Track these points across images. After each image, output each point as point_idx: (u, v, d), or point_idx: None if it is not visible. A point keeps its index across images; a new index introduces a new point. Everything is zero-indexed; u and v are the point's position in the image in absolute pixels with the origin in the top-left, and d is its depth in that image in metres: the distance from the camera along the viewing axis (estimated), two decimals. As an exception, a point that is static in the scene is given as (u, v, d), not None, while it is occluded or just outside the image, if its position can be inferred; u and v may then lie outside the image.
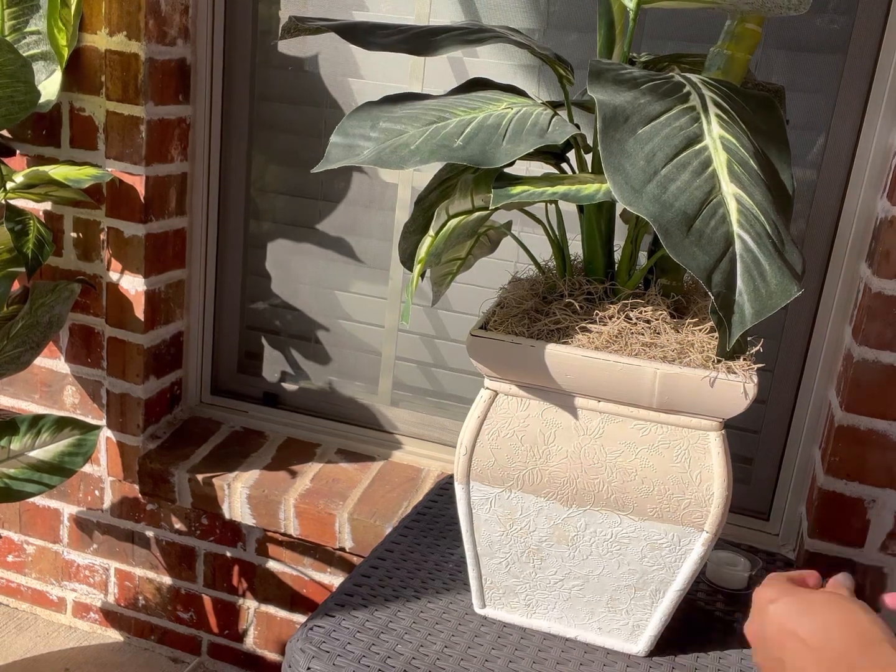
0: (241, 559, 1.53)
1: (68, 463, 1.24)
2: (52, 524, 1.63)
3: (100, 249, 1.42)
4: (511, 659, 0.84)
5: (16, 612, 1.71)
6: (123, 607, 1.65)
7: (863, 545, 1.17)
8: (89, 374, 1.50)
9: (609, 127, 0.66)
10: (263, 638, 1.57)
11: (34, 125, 1.39)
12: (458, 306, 1.44)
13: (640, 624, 0.85)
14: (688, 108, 0.70)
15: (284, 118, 1.45)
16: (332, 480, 1.44)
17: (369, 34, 0.85)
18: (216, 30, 1.42)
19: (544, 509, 0.82)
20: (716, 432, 0.77)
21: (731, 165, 0.67)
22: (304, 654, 0.82)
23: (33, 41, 1.27)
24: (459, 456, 0.83)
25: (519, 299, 0.84)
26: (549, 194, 0.73)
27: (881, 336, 1.10)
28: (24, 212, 1.22)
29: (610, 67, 0.73)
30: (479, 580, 0.88)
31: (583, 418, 0.79)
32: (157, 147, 1.37)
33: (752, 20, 0.81)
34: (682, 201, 0.65)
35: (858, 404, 1.13)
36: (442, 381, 1.50)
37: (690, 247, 0.64)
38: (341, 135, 0.77)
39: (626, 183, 0.65)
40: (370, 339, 1.51)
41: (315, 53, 1.40)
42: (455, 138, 0.74)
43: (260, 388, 1.59)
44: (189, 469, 1.44)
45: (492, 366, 0.79)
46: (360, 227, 1.46)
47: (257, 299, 1.56)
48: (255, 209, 1.52)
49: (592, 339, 0.78)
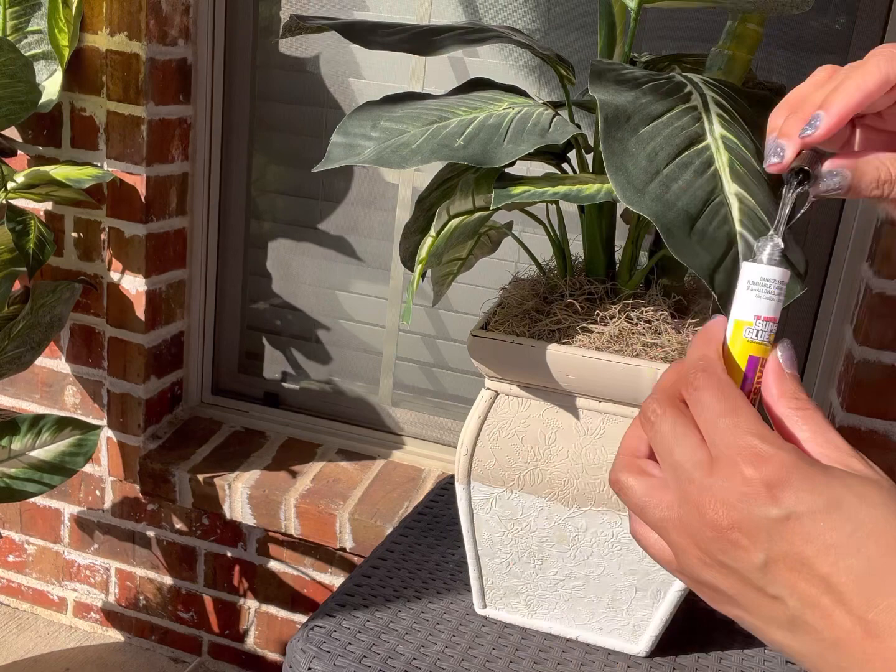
0: (241, 559, 1.53)
1: (69, 463, 1.24)
2: (52, 524, 1.63)
3: (101, 249, 1.42)
4: (512, 659, 0.84)
5: (16, 612, 1.71)
6: (124, 607, 1.65)
7: (864, 545, 1.17)
8: (90, 374, 1.50)
9: (611, 126, 0.66)
10: (264, 638, 1.57)
11: (35, 125, 1.39)
12: (458, 306, 1.44)
13: (640, 624, 0.85)
14: (689, 107, 0.70)
15: (285, 118, 1.45)
16: (333, 480, 1.44)
17: (370, 33, 0.85)
18: (217, 30, 1.42)
19: (545, 510, 0.82)
20: (717, 432, 0.77)
21: (734, 165, 0.67)
22: (305, 654, 0.82)
23: (35, 41, 1.27)
24: (460, 456, 0.83)
25: (520, 299, 0.84)
26: (550, 194, 0.73)
27: (882, 336, 1.10)
28: (24, 212, 1.22)
29: (611, 67, 0.73)
30: (479, 580, 0.88)
31: (584, 419, 0.79)
32: (157, 147, 1.37)
33: (753, 20, 0.81)
34: (685, 201, 0.65)
35: (859, 405, 1.13)
36: (443, 381, 1.49)
37: (693, 246, 0.63)
38: (342, 134, 0.77)
39: (628, 182, 0.65)
40: (371, 339, 1.51)
41: (316, 53, 1.40)
42: (456, 138, 0.74)
43: (261, 387, 1.59)
44: (190, 469, 1.44)
45: (492, 366, 0.79)
46: (360, 226, 1.46)
47: (258, 299, 1.56)
48: (256, 209, 1.52)
49: (593, 339, 0.78)
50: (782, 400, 0.39)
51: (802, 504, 0.35)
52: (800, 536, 0.35)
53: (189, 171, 1.47)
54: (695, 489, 0.37)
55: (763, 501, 0.35)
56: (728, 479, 0.36)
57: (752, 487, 0.35)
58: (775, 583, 0.35)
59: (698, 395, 0.39)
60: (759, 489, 0.35)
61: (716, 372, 0.39)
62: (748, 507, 0.35)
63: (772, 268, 0.41)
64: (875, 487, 0.36)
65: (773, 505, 0.35)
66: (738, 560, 0.36)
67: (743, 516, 0.35)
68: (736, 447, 0.36)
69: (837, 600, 0.34)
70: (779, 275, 0.41)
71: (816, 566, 0.34)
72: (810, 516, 0.34)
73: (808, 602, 0.35)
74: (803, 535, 0.34)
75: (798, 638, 0.35)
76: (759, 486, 0.35)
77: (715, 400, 0.38)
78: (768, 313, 0.41)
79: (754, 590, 0.36)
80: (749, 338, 0.41)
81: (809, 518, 0.34)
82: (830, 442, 0.38)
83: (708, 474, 0.37)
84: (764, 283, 0.41)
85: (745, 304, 0.41)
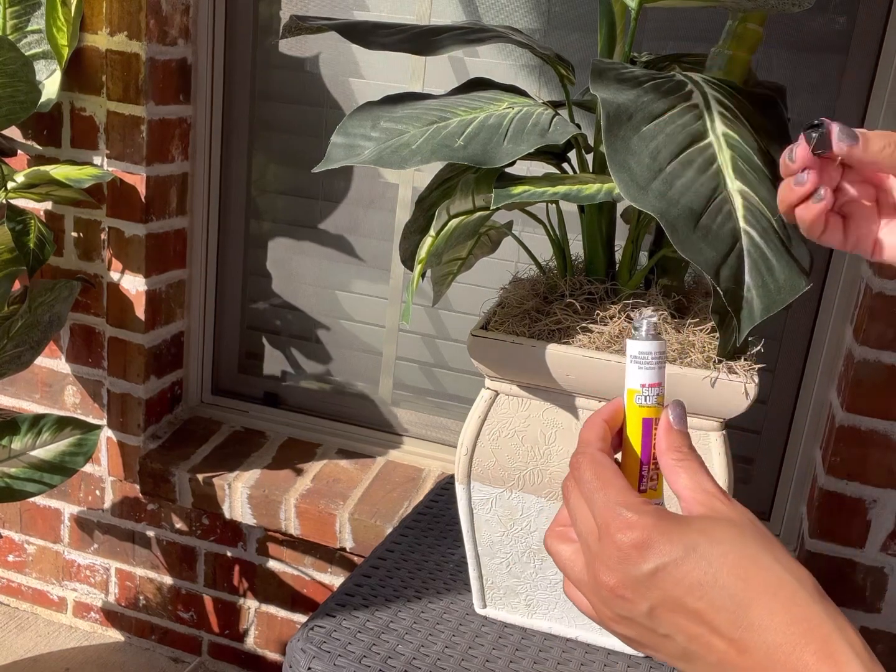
0: (241, 559, 1.53)
1: (69, 462, 1.24)
2: (52, 524, 1.63)
3: (100, 249, 1.42)
4: (512, 659, 0.84)
5: (16, 611, 1.71)
6: (124, 607, 1.65)
7: (863, 545, 1.17)
8: (90, 374, 1.50)
9: (613, 125, 0.66)
10: (264, 638, 1.57)
11: (35, 125, 1.39)
12: (458, 306, 1.44)
13: (641, 624, 0.85)
14: (691, 105, 0.70)
15: (285, 118, 1.45)
16: (333, 480, 1.44)
17: (370, 34, 0.85)
18: (217, 30, 1.42)
19: (545, 509, 0.82)
20: (717, 432, 0.77)
21: (736, 162, 0.67)
22: (305, 653, 0.82)
23: (35, 40, 1.27)
24: (460, 456, 0.83)
25: (520, 299, 0.84)
26: (550, 194, 0.73)
27: (882, 336, 1.10)
28: (24, 211, 1.22)
29: (612, 66, 0.73)
30: (479, 580, 0.88)
31: (584, 418, 0.79)
32: (157, 147, 1.37)
33: (753, 20, 0.81)
34: (688, 197, 0.65)
35: (859, 404, 1.13)
36: (443, 381, 1.49)
37: (698, 242, 0.63)
38: (342, 135, 0.77)
39: (631, 180, 0.65)
40: (371, 338, 1.51)
41: (316, 53, 1.40)
42: (456, 138, 0.74)
43: (260, 387, 1.59)
44: (190, 469, 1.44)
45: (492, 366, 0.79)
46: (360, 226, 1.46)
47: (258, 299, 1.56)
48: (256, 209, 1.51)
49: (593, 339, 0.78)
50: (668, 452, 0.47)
51: (665, 556, 0.41)
52: (670, 583, 0.41)
53: (189, 170, 1.46)
54: (591, 556, 0.45)
55: (635, 561, 0.42)
56: (607, 546, 0.43)
57: (625, 551, 0.42)
58: (663, 624, 0.42)
59: (579, 473, 0.47)
60: (629, 552, 0.42)
61: (590, 452, 0.47)
62: (625, 568, 0.42)
63: (647, 342, 0.47)
64: (725, 526, 0.42)
65: (643, 562, 0.42)
66: (631, 611, 0.43)
67: (623, 576, 0.42)
68: (609, 517, 0.44)
69: (711, 629, 0.40)
70: (654, 347, 0.47)
71: (689, 603, 0.41)
72: (673, 564, 0.41)
73: (690, 635, 0.41)
74: (672, 580, 0.41)
75: (693, 665, 0.42)
76: (630, 549, 0.42)
77: (591, 476, 0.46)
78: (651, 380, 0.47)
79: (649, 632, 0.43)
80: (639, 403, 0.48)
81: (673, 566, 0.41)
82: (701, 487, 0.45)
83: (596, 542, 0.44)
84: (643, 355, 0.47)
85: (631, 375, 0.48)
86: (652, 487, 0.48)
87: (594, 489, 0.45)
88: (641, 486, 0.48)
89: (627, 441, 0.48)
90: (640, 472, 0.48)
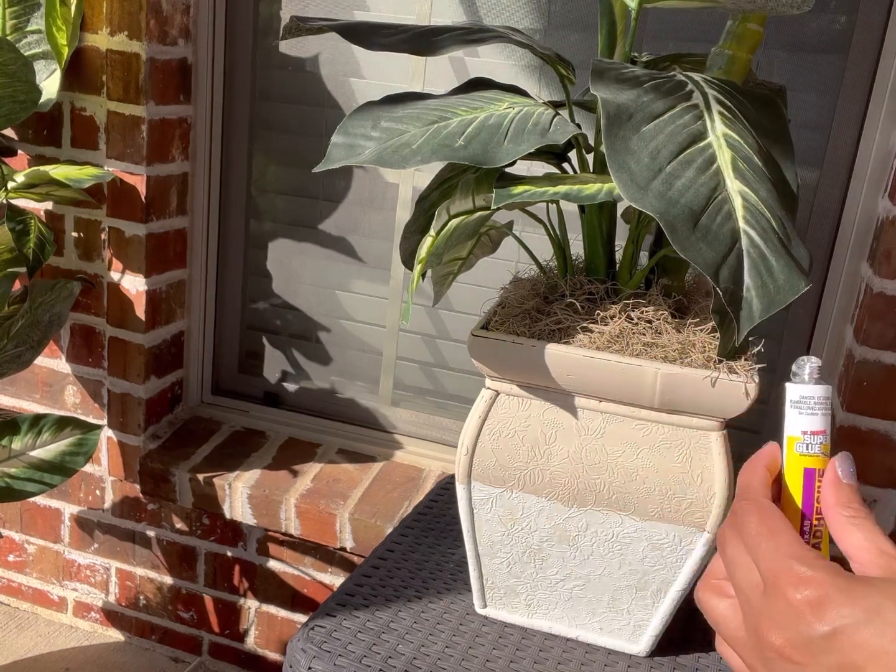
0: (241, 559, 1.53)
1: (69, 462, 1.24)
2: (53, 524, 1.63)
3: (101, 249, 1.42)
4: (512, 659, 0.84)
5: (17, 611, 1.71)
6: (124, 607, 1.65)
7: (864, 545, 1.17)
8: (90, 374, 1.50)
9: (613, 125, 0.66)
10: (264, 638, 1.57)
11: (35, 125, 1.39)
12: (459, 306, 1.44)
13: (641, 624, 0.85)
14: (691, 105, 0.70)
15: (285, 118, 1.45)
16: (333, 480, 1.44)
17: (371, 34, 0.85)
18: (217, 30, 1.42)
19: (545, 509, 0.82)
20: (717, 432, 0.77)
21: (736, 162, 0.67)
22: (306, 653, 0.82)
23: (34, 40, 1.27)
24: (460, 456, 0.83)
25: (520, 299, 0.84)
26: (550, 194, 0.73)
27: (882, 336, 1.10)
28: (24, 211, 1.22)
29: (612, 66, 0.73)
30: (480, 580, 0.88)
31: (584, 418, 0.79)
32: (158, 147, 1.37)
33: (753, 20, 0.81)
34: (688, 198, 0.65)
35: (859, 404, 1.13)
36: (443, 381, 1.49)
37: (697, 243, 0.63)
38: (342, 134, 0.77)
39: (631, 180, 0.65)
40: (371, 338, 1.51)
41: (316, 53, 1.40)
42: (456, 138, 0.74)
43: (261, 387, 1.59)
44: (190, 469, 1.44)
45: (493, 366, 0.79)
46: (361, 226, 1.46)
47: (258, 299, 1.56)
48: (256, 209, 1.52)
49: (594, 339, 0.78)
50: (837, 508, 0.43)
51: (844, 618, 0.37)
52: (849, 647, 0.37)
53: (189, 170, 1.47)
54: (753, 611, 0.41)
55: (809, 621, 0.38)
56: (776, 602, 0.39)
57: (797, 609, 0.38)
58: None
59: (743, 520, 0.43)
60: (803, 610, 0.38)
61: (756, 498, 0.44)
62: (797, 628, 0.38)
63: (810, 386, 0.45)
64: None
65: (818, 623, 0.38)
66: None
67: (794, 636, 0.38)
68: (778, 570, 0.40)
69: None
70: (819, 391, 0.45)
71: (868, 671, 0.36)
72: (854, 627, 0.37)
73: None
74: (852, 645, 0.37)
75: None
76: (804, 607, 0.38)
77: (757, 524, 0.42)
78: (815, 427, 0.45)
79: None
80: (800, 451, 0.45)
81: (853, 629, 0.37)
82: (879, 548, 0.41)
83: (760, 596, 0.40)
84: (804, 400, 0.45)
85: (792, 421, 0.45)
86: (816, 545, 0.44)
87: (761, 538, 0.41)
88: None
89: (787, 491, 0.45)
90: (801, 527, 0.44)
